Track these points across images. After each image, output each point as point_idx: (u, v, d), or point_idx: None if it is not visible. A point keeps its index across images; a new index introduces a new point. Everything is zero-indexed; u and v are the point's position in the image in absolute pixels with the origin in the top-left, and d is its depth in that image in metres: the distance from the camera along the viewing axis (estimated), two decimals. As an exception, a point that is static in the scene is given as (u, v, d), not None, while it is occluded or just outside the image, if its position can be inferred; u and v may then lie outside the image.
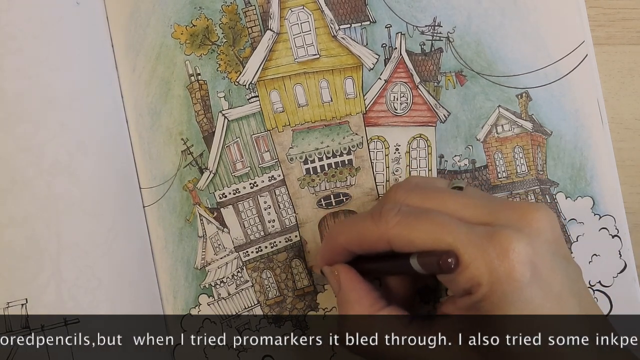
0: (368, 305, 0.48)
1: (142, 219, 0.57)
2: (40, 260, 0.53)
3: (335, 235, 0.50)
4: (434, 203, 0.46)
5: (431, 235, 0.43)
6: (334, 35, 0.57)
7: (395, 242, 0.45)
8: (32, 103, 0.53)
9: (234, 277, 0.58)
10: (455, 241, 0.43)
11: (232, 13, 0.58)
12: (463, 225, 0.44)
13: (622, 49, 0.57)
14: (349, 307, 0.49)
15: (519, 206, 0.45)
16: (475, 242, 0.42)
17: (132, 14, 0.57)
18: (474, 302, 0.43)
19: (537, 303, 0.42)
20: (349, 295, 0.49)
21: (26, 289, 0.52)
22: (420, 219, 0.45)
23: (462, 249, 0.42)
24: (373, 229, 0.46)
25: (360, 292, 0.49)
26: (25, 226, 0.53)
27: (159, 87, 0.57)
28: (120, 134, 0.57)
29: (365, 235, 0.47)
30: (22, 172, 0.53)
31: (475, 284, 0.42)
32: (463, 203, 0.46)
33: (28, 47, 0.53)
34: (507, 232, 0.42)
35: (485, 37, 0.56)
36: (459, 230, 0.43)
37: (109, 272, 0.54)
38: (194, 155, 0.58)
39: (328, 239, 0.51)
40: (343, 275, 0.50)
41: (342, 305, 0.49)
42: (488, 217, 0.45)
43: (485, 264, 0.42)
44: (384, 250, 0.47)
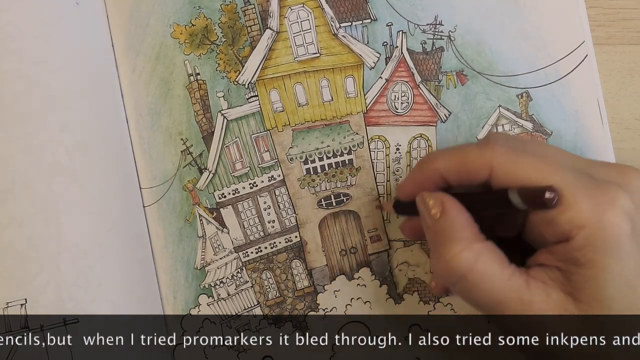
0: (475, 232, 0.46)
1: (142, 219, 0.57)
2: (40, 260, 0.53)
3: (431, 159, 0.48)
4: (538, 146, 0.46)
5: (537, 171, 0.43)
6: (334, 34, 0.57)
7: (499, 172, 0.44)
8: (32, 103, 0.53)
9: (233, 278, 0.58)
10: (563, 180, 0.42)
11: (231, 12, 0.57)
12: (569, 168, 0.43)
13: (622, 49, 0.57)
14: (454, 233, 0.46)
15: (619, 166, 0.45)
16: (582, 185, 0.42)
17: (132, 14, 0.57)
18: (573, 249, 0.42)
19: (636, 258, 0.42)
20: (455, 220, 0.46)
21: (26, 289, 0.52)
22: (527, 154, 0.44)
23: (569, 188, 0.42)
24: (477, 155, 0.45)
25: (467, 219, 0.46)
26: (25, 226, 0.53)
27: (159, 87, 0.57)
28: (120, 134, 0.57)
29: (469, 160, 0.45)
30: (22, 172, 0.53)
31: (577, 225, 0.41)
32: (564, 154, 0.46)
33: (28, 47, 0.53)
34: (612, 185, 0.42)
35: (486, 36, 0.56)
36: (566, 171, 0.43)
37: (109, 272, 0.54)
38: (193, 155, 0.57)
39: (422, 163, 0.49)
40: (447, 200, 0.47)
41: (445, 232, 0.46)
42: (590, 171, 0.44)
43: (591, 207, 0.41)
44: (481, 180, 0.45)
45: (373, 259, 0.57)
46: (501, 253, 0.45)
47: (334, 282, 0.57)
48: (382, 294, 0.57)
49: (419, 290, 0.57)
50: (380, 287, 0.57)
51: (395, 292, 0.57)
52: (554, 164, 0.43)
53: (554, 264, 0.44)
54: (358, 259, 0.58)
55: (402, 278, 0.57)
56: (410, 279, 0.57)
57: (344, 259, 0.58)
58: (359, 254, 0.57)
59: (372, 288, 0.57)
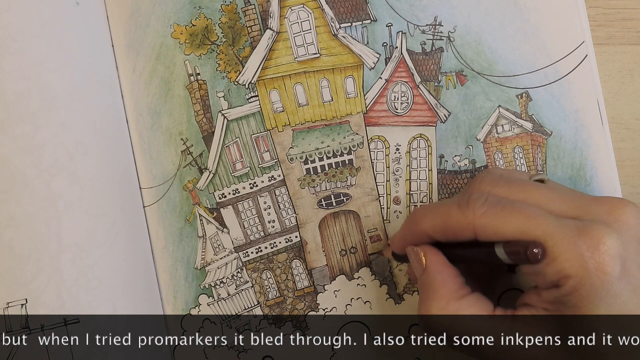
0: (454, 289, 0.47)
1: (142, 219, 0.57)
2: (40, 260, 0.52)
3: (418, 220, 0.49)
4: (520, 195, 0.46)
5: (519, 227, 0.43)
6: (334, 34, 0.57)
7: (482, 232, 0.45)
8: (32, 103, 0.53)
9: (233, 278, 0.58)
10: (545, 233, 0.42)
11: (231, 12, 0.57)
12: (552, 217, 0.43)
13: (622, 49, 0.57)
14: (433, 290, 0.47)
15: (607, 201, 0.45)
16: (565, 234, 0.42)
17: (132, 14, 0.57)
18: (561, 295, 0.42)
19: (624, 299, 0.42)
20: (434, 277, 0.48)
21: (26, 289, 0.52)
22: (507, 210, 0.44)
23: (552, 240, 0.42)
24: (459, 217, 0.46)
25: (446, 275, 0.48)
26: (25, 226, 0.53)
27: (159, 87, 0.57)
28: (120, 134, 0.57)
29: (451, 222, 0.46)
30: (22, 172, 0.53)
31: (564, 276, 0.42)
32: (549, 196, 0.46)
33: (28, 47, 0.53)
34: (597, 226, 0.42)
35: (486, 36, 0.56)
36: (548, 222, 0.43)
37: (109, 272, 0.54)
38: (193, 155, 0.57)
39: (409, 222, 0.50)
40: (429, 256, 0.49)
41: (426, 287, 0.48)
42: (575, 211, 0.44)
43: (575, 256, 0.41)
44: (467, 239, 0.46)
45: (373, 258, 0.57)
46: (483, 302, 0.47)
47: (334, 282, 0.57)
48: (382, 294, 0.57)
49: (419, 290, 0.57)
50: (380, 287, 0.57)
51: (395, 292, 0.57)
52: (536, 215, 0.43)
53: (542, 305, 0.45)
54: (358, 258, 0.58)
55: (402, 278, 0.57)
56: (410, 279, 0.57)
57: (344, 259, 0.58)
58: (359, 254, 0.57)
59: (372, 288, 0.57)
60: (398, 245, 0.52)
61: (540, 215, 0.43)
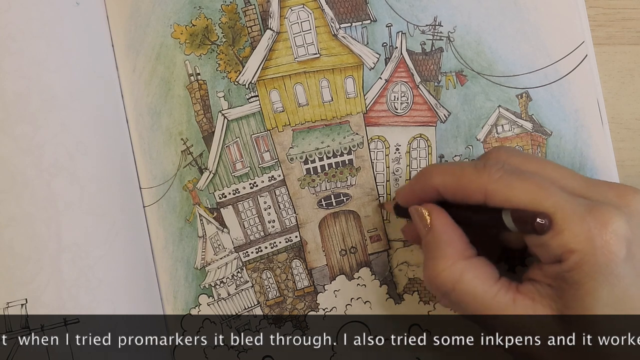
0: (461, 249, 0.47)
1: (142, 219, 0.57)
2: (40, 260, 0.53)
3: (430, 174, 0.48)
4: (535, 167, 0.46)
5: (531, 196, 0.43)
6: (334, 34, 0.57)
7: (493, 196, 0.45)
8: (32, 103, 0.53)
9: (233, 278, 0.58)
10: (555, 205, 0.42)
11: (231, 12, 0.57)
12: (563, 192, 0.43)
13: (622, 49, 0.57)
14: (440, 249, 0.47)
15: (618, 186, 0.45)
16: (575, 209, 0.42)
17: (132, 14, 0.57)
18: (563, 270, 0.42)
19: (627, 282, 0.42)
20: (441, 236, 0.47)
21: (26, 289, 0.52)
22: (522, 179, 0.44)
23: (561, 213, 0.42)
24: (474, 178, 0.45)
25: (453, 235, 0.47)
26: (25, 226, 0.53)
27: (159, 87, 0.57)
28: (120, 134, 0.57)
29: (464, 182, 0.46)
30: (22, 172, 0.53)
31: (568, 250, 0.42)
32: (563, 172, 0.46)
33: (28, 47, 0.53)
34: (607, 207, 0.42)
35: (486, 36, 0.56)
36: (559, 195, 0.43)
37: (109, 272, 0.54)
38: (193, 155, 0.57)
39: (420, 176, 0.50)
40: (435, 215, 0.48)
41: (432, 246, 0.47)
42: (586, 190, 0.45)
43: (582, 232, 0.42)
44: (476, 202, 0.46)
45: (373, 259, 0.57)
46: (489, 269, 0.46)
47: (334, 282, 0.57)
48: (382, 294, 0.57)
49: (419, 290, 0.57)
50: (380, 287, 0.57)
51: (395, 292, 0.57)
52: (548, 187, 0.43)
53: (545, 280, 0.45)
54: (358, 258, 0.58)
55: (402, 278, 0.57)
56: (410, 279, 0.57)
57: (344, 259, 0.58)
58: (358, 254, 0.57)
59: (372, 288, 0.57)
60: (404, 198, 0.51)
61: (552, 188, 0.43)
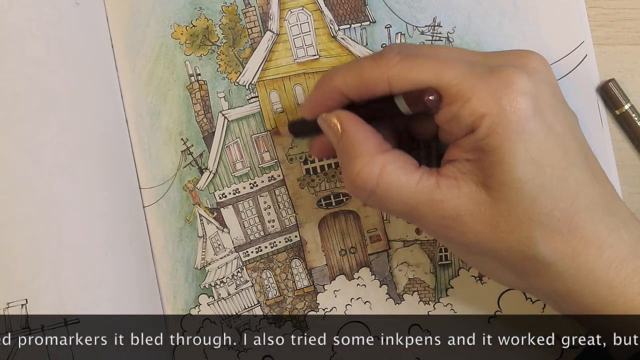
0: (377, 144, 0.46)
1: (142, 219, 0.57)
2: (40, 260, 0.53)
3: (331, 77, 0.48)
4: (431, 50, 0.47)
5: (432, 72, 0.43)
6: (333, 36, 0.57)
7: (396, 81, 0.45)
8: (32, 103, 0.53)
9: (233, 277, 0.58)
10: (457, 75, 0.43)
11: (232, 14, 0.58)
12: (464, 61, 0.44)
13: (622, 49, 0.57)
14: (355, 149, 0.46)
15: (514, 51, 0.47)
16: (478, 75, 0.43)
17: (132, 14, 0.57)
18: (478, 138, 0.42)
19: (540, 136, 0.42)
20: (354, 136, 0.46)
21: (26, 289, 0.52)
22: (421, 58, 0.44)
23: (465, 80, 0.42)
24: (373, 69, 0.45)
25: (366, 133, 0.46)
26: (25, 226, 0.53)
27: (159, 87, 0.58)
28: (120, 134, 0.57)
29: (365, 75, 0.46)
30: (22, 172, 0.53)
31: (479, 116, 0.42)
32: (459, 50, 0.47)
33: (28, 47, 0.53)
34: (507, 68, 0.43)
35: (485, 37, 0.56)
36: (459, 66, 0.43)
37: (109, 272, 0.54)
38: (193, 156, 0.58)
39: (321, 82, 0.49)
40: (345, 119, 0.47)
41: (347, 149, 0.46)
42: (485, 60, 0.45)
43: (488, 94, 0.42)
44: (382, 93, 0.46)
45: (373, 259, 0.57)
46: (408, 158, 0.46)
47: (334, 282, 0.57)
48: (382, 294, 0.57)
49: (419, 290, 0.57)
50: (380, 287, 0.57)
51: (395, 292, 0.57)
52: (448, 60, 0.44)
53: (463, 156, 0.44)
54: (358, 258, 0.58)
55: (402, 278, 0.57)
56: (410, 279, 0.57)
57: (343, 259, 0.58)
58: (358, 254, 0.57)
59: (372, 288, 0.57)
60: (309, 109, 0.50)
61: (451, 61, 0.44)
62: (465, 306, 0.56)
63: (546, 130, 0.42)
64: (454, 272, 0.57)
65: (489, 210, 0.43)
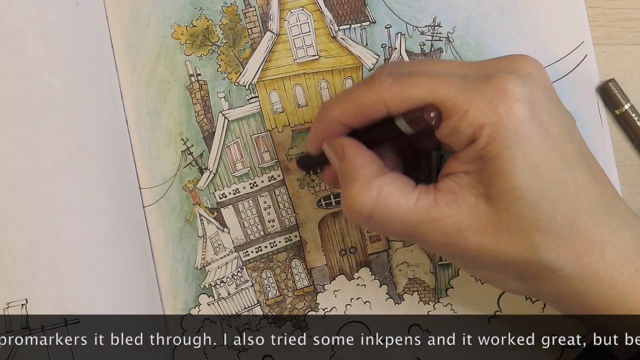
0: (375, 169, 0.46)
1: (142, 219, 0.57)
2: (40, 260, 0.53)
3: (328, 109, 0.48)
4: (423, 66, 0.46)
5: (427, 88, 0.43)
6: (333, 36, 0.57)
7: (393, 102, 0.44)
8: (32, 103, 0.53)
9: (234, 277, 0.58)
10: (452, 90, 0.43)
11: (232, 14, 0.58)
12: (457, 75, 0.44)
13: (622, 49, 0.57)
14: (354, 173, 0.46)
15: (506, 57, 0.46)
16: (472, 85, 0.43)
17: (132, 14, 0.58)
18: (479, 148, 0.42)
19: (538, 141, 0.42)
20: (354, 161, 0.46)
21: (26, 289, 0.52)
22: (413, 76, 0.44)
23: (460, 93, 0.42)
24: (368, 94, 0.45)
25: (365, 158, 0.47)
26: (25, 226, 0.53)
27: (159, 87, 0.58)
28: (120, 134, 0.57)
29: (361, 102, 0.46)
30: (22, 172, 0.53)
31: (479, 126, 0.42)
32: (450, 64, 0.47)
33: (28, 47, 0.53)
34: (501, 75, 0.43)
35: (485, 37, 0.56)
36: (453, 80, 0.43)
37: (109, 272, 0.54)
38: (194, 156, 0.58)
39: (320, 115, 0.49)
40: (347, 144, 0.47)
41: (347, 173, 0.47)
42: (477, 70, 0.45)
43: (485, 104, 0.42)
44: (381, 117, 0.46)
45: (373, 259, 0.57)
46: (405, 180, 0.46)
47: (334, 282, 0.57)
48: (382, 294, 0.57)
49: (419, 290, 0.57)
50: (380, 287, 0.57)
51: (395, 292, 0.57)
52: (440, 76, 0.44)
53: (462, 169, 0.44)
54: (358, 258, 0.58)
55: (402, 278, 0.57)
56: (410, 279, 0.57)
57: (343, 259, 0.58)
58: (358, 254, 0.57)
59: (372, 288, 0.57)
60: (313, 143, 0.50)
61: (444, 76, 0.44)
62: (465, 306, 0.56)
63: (543, 135, 0.42)
64: (454, 272, 0.57)
65: (490, 222, 0.43)
